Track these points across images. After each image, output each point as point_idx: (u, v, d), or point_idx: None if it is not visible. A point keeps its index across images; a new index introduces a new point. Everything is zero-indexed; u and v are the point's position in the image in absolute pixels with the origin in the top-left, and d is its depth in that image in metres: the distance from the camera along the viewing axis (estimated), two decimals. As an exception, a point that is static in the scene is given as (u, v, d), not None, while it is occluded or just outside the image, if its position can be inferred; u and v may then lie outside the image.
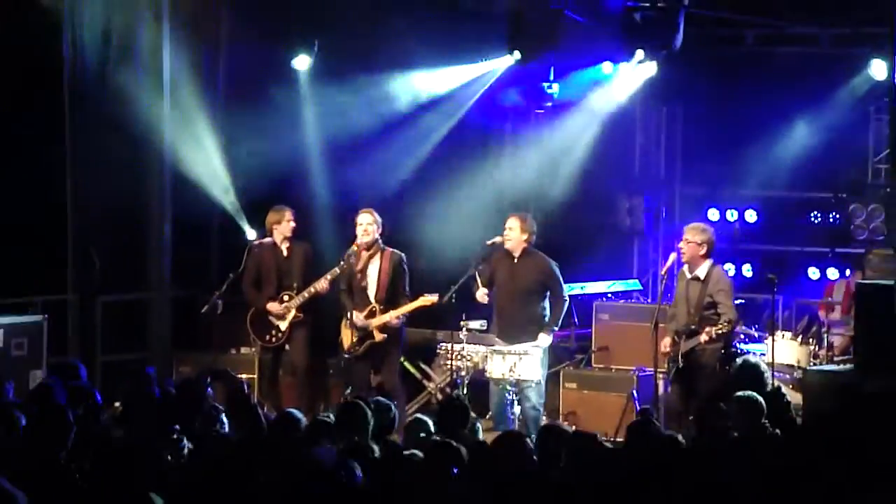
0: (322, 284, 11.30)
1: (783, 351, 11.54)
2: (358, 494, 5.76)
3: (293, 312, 11.42)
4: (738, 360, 10.26)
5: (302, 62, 12.97)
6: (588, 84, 13.74)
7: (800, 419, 9.75)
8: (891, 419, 6.73)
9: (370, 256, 11.16)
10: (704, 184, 14.69)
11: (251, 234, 12.59)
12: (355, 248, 11.13)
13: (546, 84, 13.53)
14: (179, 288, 13.40)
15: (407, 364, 12.31)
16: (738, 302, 10.96)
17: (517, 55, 13.11)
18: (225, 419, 7.88)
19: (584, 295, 13.13)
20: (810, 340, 11.98)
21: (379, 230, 11.16)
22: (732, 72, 14.26)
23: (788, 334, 12.09)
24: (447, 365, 11.55)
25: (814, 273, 14.17)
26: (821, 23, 13.91)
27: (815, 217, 14.35)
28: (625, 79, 13.58)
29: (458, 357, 11.35)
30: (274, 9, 13.04)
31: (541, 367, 10.77)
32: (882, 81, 12.88)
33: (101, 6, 12.52)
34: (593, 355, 12.51)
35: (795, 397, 10.71)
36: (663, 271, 11.03)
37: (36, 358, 11.43)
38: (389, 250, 11.20)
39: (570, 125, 13.91)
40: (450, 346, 11.38)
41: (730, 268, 13.54)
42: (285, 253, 11.52)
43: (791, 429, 8.30)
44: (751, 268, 14.55)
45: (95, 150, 12.43)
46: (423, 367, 12.78)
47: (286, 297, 11.43)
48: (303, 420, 7.64)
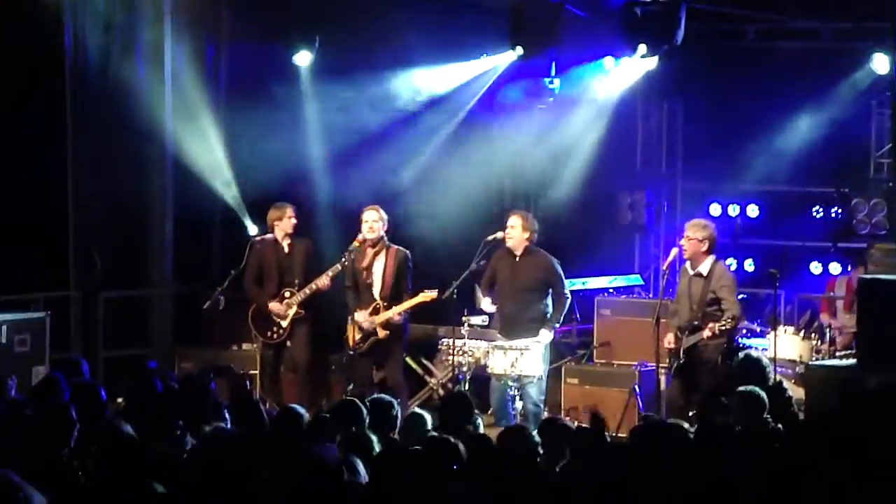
0: (323, 281, 11.28)
1: (785, 346, 11.55)
2: (359, 491, 5.76)
3: (294, 309, 11.41)
4: (740, 355, 10.26)
5: (303, 58, 12.96)
6: (589, 79, 13.73)
7: (801, 414, 9.75)
8: (892, 415, 6.72)
9: (375, 253, 11.12)
10: (706, 178, 14.69)
11: (253, 230, 12.59)
12: (357, 244, 11.12)
13: (547, 79, 13.54)
14: (181, 284, 13.40)
15: (409, 360, 12.29)
16: (741, 297, 10.95)
17: (519, 50, 13.10)
18: (227, 415, 7.89)
19: (586, 290, 13.13)
20: (812, 335, 11.97)
21: (385, 227, 11.12)
22: (734, 66, 14.25)
23: (790, 329, 12.08)
24: (449, 360, 11.54)
25: (816, 268, 14.16)
26: (822, 17, 13.91)
27: (818, 212, 14.33)
28: (624, 72, 13.57)
29: (460, 353, 11.35)
30: (275, 4, 13.06)
31: (542, 363, 10.77)
32: (884, 75, 12.88)
33: (102, 2, 12.53)
34: (595, 351, 12.52)
35: (797, 392, 10.70)
36: (665, 266, 11.03)
37: (39, 354, 11.42)
38: (395, 248, 11.16)
39: (572, 121, 13.90)
40: (451, 341, 11.37)
41: (732, 263, 13.53)
42: (286, 249, 11.50)
43: (793, 424, 8.30)
44: (753, 263, 14.56)
45: (97, 147, 12.45)
46: (424, 362, 12.77)
47: (287, 294, 11.42)
48: (305, 416, 7.65)
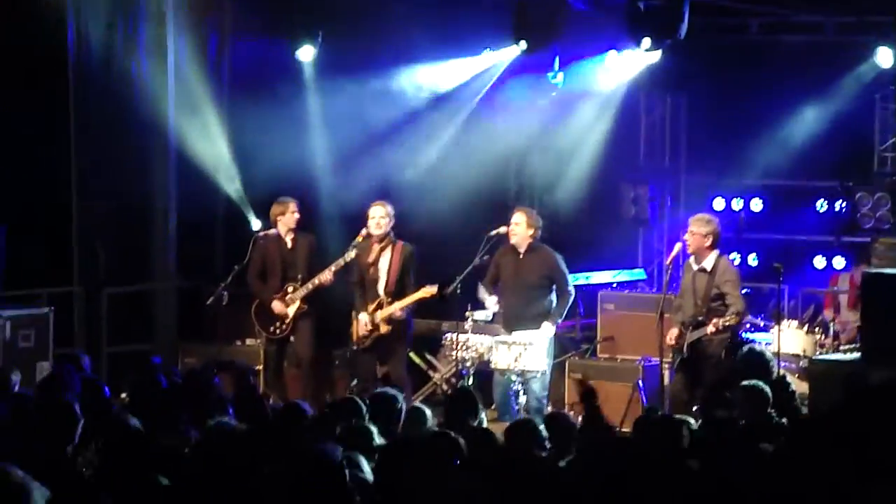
0: (326, 276, 11.27)
1: (789, 340, 11.53)
2: (361, 486, 5.76)
3: (298, 304, 11.41)
4: (744, 349, 10.24)
5: (306, 53, 12.94)
6: (592, 74, 13.70)
7: (805, 409, 9.74)
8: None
9: (382, 249, 11.09)
10: (710, 173, 14.67)
11: (256, 225, 12.59)
12: (360, 239, 11.11)
13: (550, 74, 13.52)
14: (185, 279, 13.41)
15: (412, 355, 12.29)
16: (744, 292, 10.94)
17: (523, 45, 13.05)
18: (231, 409, 7.89)
19: (590, 285, 13.12)
20: (816, 329, 11.96)
21: (391, 222, 11.10)
22: (737, 60, 14.23)
23: (794, 323, 12.06)
24: (452, 356, 11.53)
25: (820, 262, 14.15)
26: (825, 11, 13.88)
27: (822, 205, 14.32)
28: (627, 65, 13.52)
29: (464, 348, 11.34)
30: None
31: (546, 358, 10.76)
32: (888, 69, 12.89)
33: (105, -4, 12.56)
34: (598, 345, 12.50)
35: (801, 387, 10.69)
36: (668, 261, 11.02)
37: (42, 350, 11.44)
38: (401, 243, 11.12)
39: (575, 115, 13.89)
40: (455, 336, 11.35)
41: (735, 257, 13.51)
42: (290, 244, 11.49)
43: (796, 418, 8.29)
44: (756, 257, 14.54)
45: (100, 142, 12.45)
46: (428, 357, 12.77)
47: (290, 289, 11.41)
48: (309, 411, 7.64)
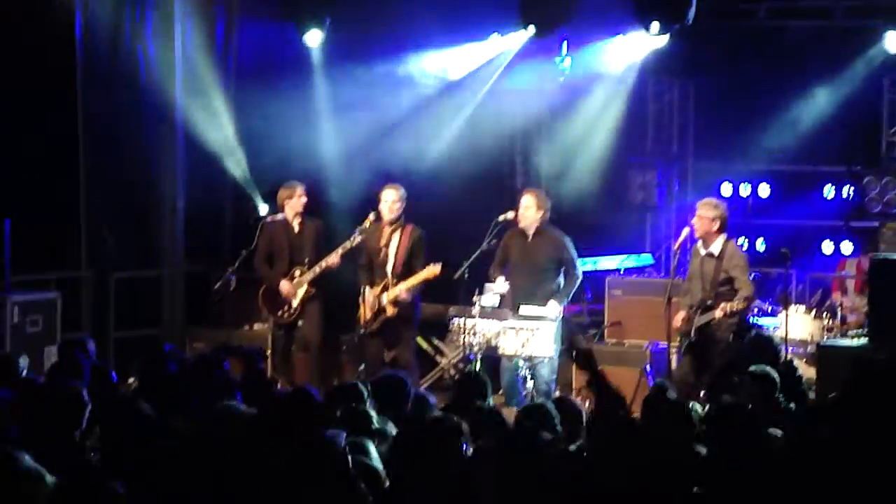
0: (333, 259, 11.28)
1: (797, 325, 11.52)
2: (368, 472, 5.77)
3: (305, 287, 11.42)
4: (752, 333, 10.23)
5: (314, 38, 12.94)
6: (600, 58, 13.66)
7: (812, 394, 9.74)
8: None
9: (392, 231, 11.13)
10: (717, 158, 14.65)
11: (264, 209, 12.60)
12: (367, 223, 11.12)
13: (558, 59, 13.48)
14: (193, 264, 13.42)
15: (420, 340, 12.29)
16: (752, 277, 10.92)
17: (532, 30, 12.99)
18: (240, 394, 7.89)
19: (597, 270, 13.11)
20: (824, 314, 11.94)
21: (403, 206, 11.11)
22: (745, 45, 14.20)
23: (802, 308, 12.05)
24: (460, 341, 11.52)
25: (828, 247, 14.12)
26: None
27: (829, 190, 14.30)
28: (633, 47, 13.47)
29: (471, 333, 11.33)
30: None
31: (553, 343, 10.76)
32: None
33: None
34: (606, 330, 12.50)
35: (809, 372, 10.69)
36: (676, 246, 10.99)
37: (50, 334, 11.47)
38: (410, 226, 11.13)
39: (582, 100, 13.85)
40: (462, 321, 11.35)
41: (743, 242, 13.49)
42: (297, 229, 11.50)
43: (804, 403, 8.29)
44: (764, 242, 14.52)
45: (108, 127, 12.45)
46: (436, 343, 12.77)
47: (297, 273, 11.43)
48: (316, 395, 7.65)
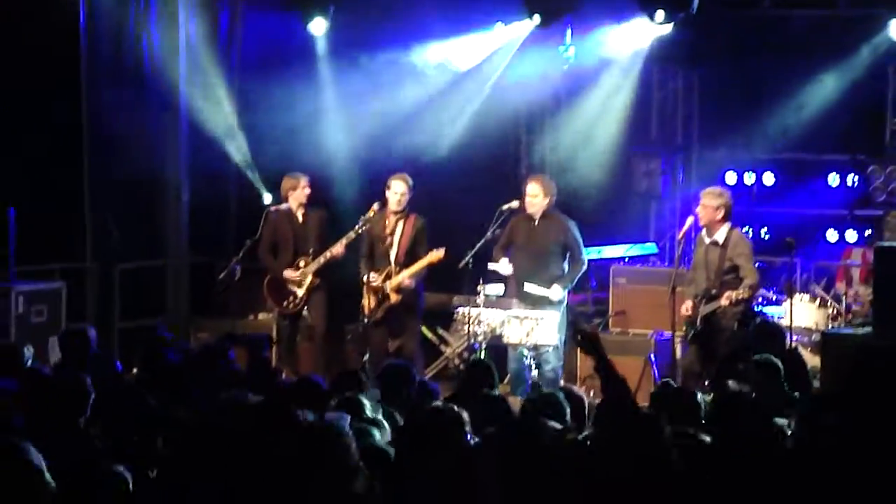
0: (338, 249, 11.29)
1: (801, 314, 11.51)
2: (373, 454, 5.78)
3: (310, 278, 11.42)
4: (756, 321, 10.23)
5: (318, 26, 12.93)
6: (604, 47, 13.62)
7: (817, 382, 9.74)
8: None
9: (396, 220, 11.15)
10: (722, 147, 14.62)
11: (268, 199, 12.59)
12: (372, 212, 11.13)
13: (562, 48, 13.44)
14: (197, 254, 13.43)
15: (424, 329, 12.30)
16: (757, 265, 10.90)
17: (537, 19, 12.94)
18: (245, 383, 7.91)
19: (602, 259, 13.10)
20: (828, 303, 11.94)
21: (409, 196, 11.12)
22: (750, 34, 14.16)
23: (806, 297, 12.04)
24: (464, 330, 11.52)
25: (832, 236, 14.10)
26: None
27: (834, 179, 14.28)
28: (637, 36, 13.43)
29: (476, 322, 11.32)
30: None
31: (558, 332, 10.74)
32: (900, 43, 12.82)
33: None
34: (610, 319, 12.49)
35: (813, 360, 10.69)
36: (680, 235, 10.97)
37: (55, 324, 11.48)
38: (413, 215, 11.16)
39: (587, 89, 13.82)
40: (467, 311, 11.35)
41: (747, 230, 13.47)
42: (301, 219, 11.51)
43: (808, 391, 8.30)
44: (768, 231, 14.50)
45: (112, 117, 12.45)
46: (440, 332, 12.77)
47: (302, 263, 11.43)
48: (322, 384, 7.66)
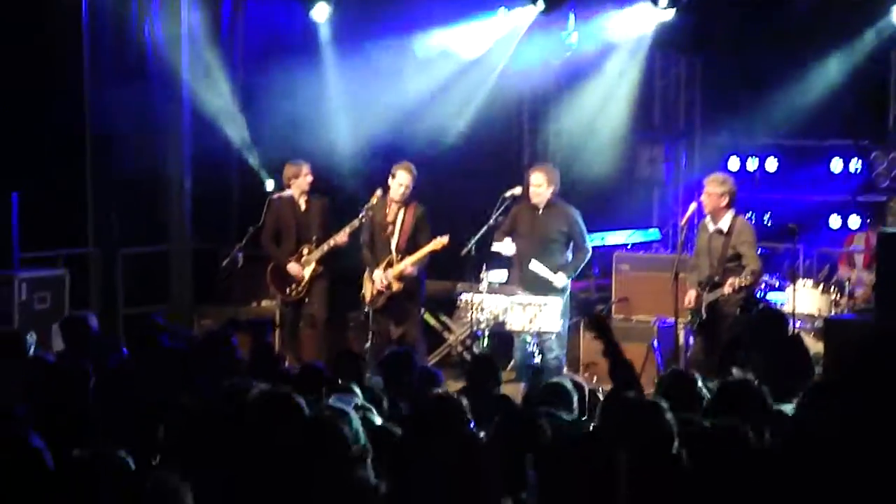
0: (341, 237, 11.29)
1: (804, 300, 11.50)
2: (379, 433, 5.81)
3: (313, 265, 11.43)
4: (759, 307, 10.21)
5: (321, 12, 12.92)
6: (606, 33, 13.59)
7: (820, 368, 9.73)
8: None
9: (398, 208, 11.15)
10: (724, 132, 14.59)
11: (271, 186, 12.59)
12: (374, 200, 11.13)
13: (564, 34, 13.41)
14: (200, 241, 13.44)
15: (428, 316, 12.30)
16: (759, 252, 10.89)
17: (541, 5, 12.91)
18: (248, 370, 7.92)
19: (604, 246, 13.10)
20: (831, 289, 11.92)
21: (412, 186, 11.13)
22: (752, 18, 14.11)
23: (809, 283, 12.02)
24: (467, 317, 11.52)
25: (835, 221, 14.08)
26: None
27: (837, 164, 14.26)
28: (640, 21, 13.40)
29: (479, 309, 11.32)
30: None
31: (561, 318, 10.75)
32: (904, 27, 12.79)
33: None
34: (613, 306, 12.49)
35: (816, 347, 10.68)
36: (683, 221, 10.96)
37: (58, 311, 11.50)
38: (414, 203, 11.17)
39: (589, 75, 13.80)
40: (470, 297, 11.35)
41: (751, 216, 13.45)
42: (303, 206, 11.51)
43: (810, 377, 8.28)
44: (771, 217, 14.48)
45: (115, 104, 12.45)
46: (443, 319, 12.78)
47: (305, 251, 11.43)
48: (325, 371, 7.68)
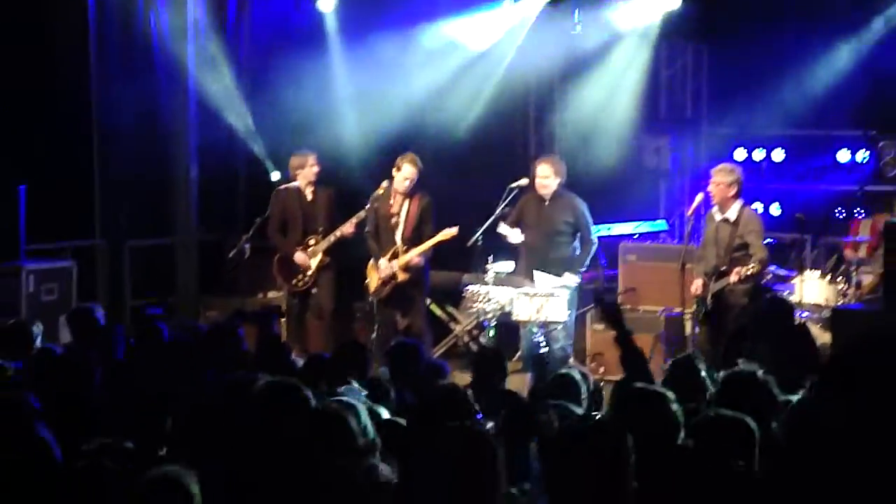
0: (348, 228, 11.30)
1: (811, 290, 11.48)
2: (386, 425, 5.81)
3: (319, 256, 11.44)
4: (766, 296, 10.20)
5: (327, 3, 12.92)
6: (612, 24, 13.57)
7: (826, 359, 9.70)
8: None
9: (403, 199, 11.15)
10: (731, 123, 14.57)
11: (277, 177, 12.59)
12: (381, 191, 11.13)
13: (571, 23, 13.39)
14: (207, 232, 13.45)
15: (434, 307, 12.30)
16: (766, 242, 10.88)
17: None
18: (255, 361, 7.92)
19: (611, 236, 13.09)
20: (839, 279, 11.90)
21: (417, 178, 11.12)
22: (759, 8, 14.09)
23: (817, 273, 12.00)
24: (473, 308, 11.52)
25: (842, 212, 14.06)
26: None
27: (844, 155, 14.23)
28: (646, 11, 13.38)
29: (485, 300, 11.33)
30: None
31: (567, 308, 10.74)
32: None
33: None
34: (620, 297, 12.48)
35: (823, 337, 10.66)
36: (690, 212, 10.96)
37: (65, 303, 11.52)
38: (419, 193, 11.16)
39: (595, 66, 13.79)
40: (476, 288, 11.36)
41: (758, 207, 13.43)
42: (310, 197, 11.51)
43: (817, 367, 8.26)
44: (779, 207, 14.47)
45: (121, 95, 12.46)
46: (449, 310, 12.77)
47: (312, 242, 11.44)
48: (329, 363, 7.66)
